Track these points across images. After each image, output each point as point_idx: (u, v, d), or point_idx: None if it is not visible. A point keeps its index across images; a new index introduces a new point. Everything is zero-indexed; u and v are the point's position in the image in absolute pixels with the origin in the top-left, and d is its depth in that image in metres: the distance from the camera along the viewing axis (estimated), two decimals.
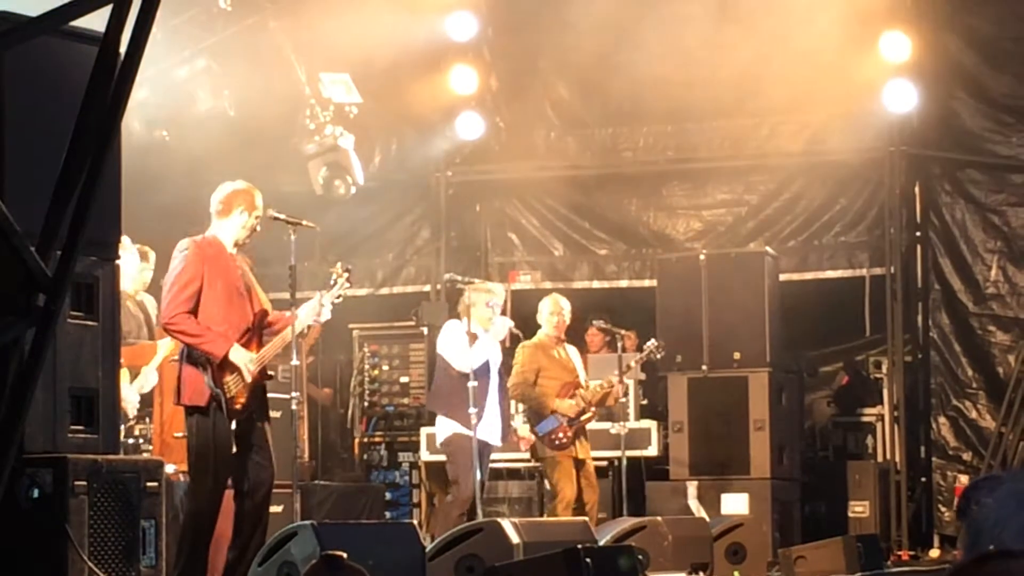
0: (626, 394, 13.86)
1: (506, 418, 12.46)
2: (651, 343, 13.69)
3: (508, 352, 13.12)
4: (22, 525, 6.53)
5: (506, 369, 12.86)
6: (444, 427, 12.22)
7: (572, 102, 17.10)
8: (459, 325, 12.26)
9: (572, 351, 13.38)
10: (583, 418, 12.96)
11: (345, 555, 7.05)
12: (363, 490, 14.41)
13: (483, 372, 12.11)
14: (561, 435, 12.82)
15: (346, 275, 9.91)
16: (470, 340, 12.00)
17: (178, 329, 9.21)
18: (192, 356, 9.24)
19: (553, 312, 13.17)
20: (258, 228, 9.53)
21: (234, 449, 9.20)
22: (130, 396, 10.97)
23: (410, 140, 17.01)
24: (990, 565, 3.04)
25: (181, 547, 9.07)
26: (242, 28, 14.76)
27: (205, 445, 9.15)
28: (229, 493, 9.37)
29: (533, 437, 12.88)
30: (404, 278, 17.61)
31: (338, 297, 9.92)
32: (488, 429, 12.08)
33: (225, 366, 9.20)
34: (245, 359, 9.26)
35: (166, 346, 10.96)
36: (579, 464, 12.89)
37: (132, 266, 11.94)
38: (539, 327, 13.27)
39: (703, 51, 15.21)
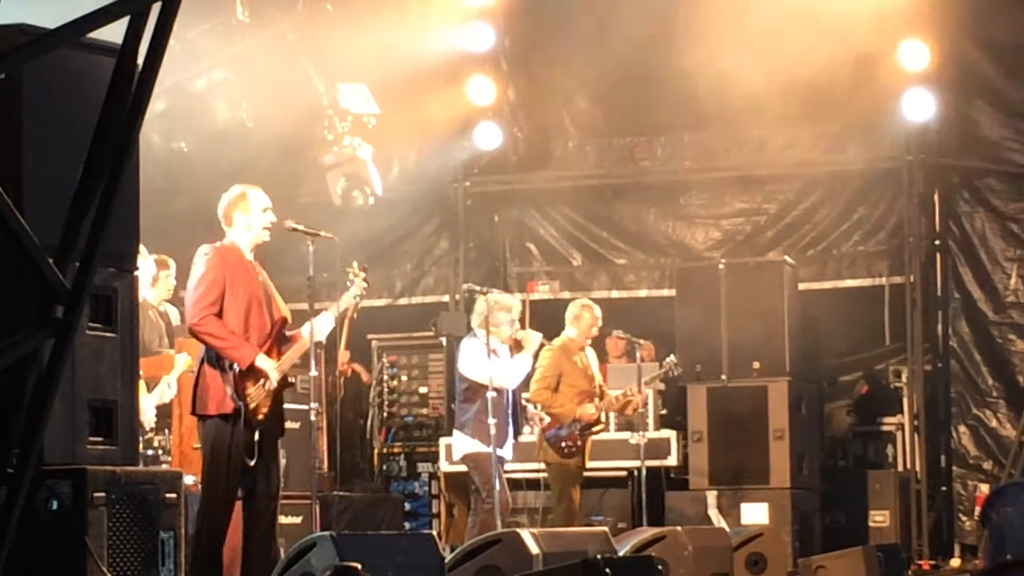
0: (645, 404, 13.83)
1: (518, 428, 12.40)
2: (670, 359, 13.64)
3: None
4: (41, 537, 6.53)
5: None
6: (461, 442, 12.22)
7: (590, 112, 17.10)
8: (479, 344, 12.09)
9: (592, 357, 13.17)
10: (595, 429, 12.89)
11: (360, 566, 7.07)
12: (382, 501, 14.40)
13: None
14: (571, 443, 12.73)
15: (363, 274, 9.90)
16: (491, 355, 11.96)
17: (205, 331, 9.11)
18: (213, 363, 9.16)
19: (590, 323, 12.91)
20: (270, 224, 9.40)
21: (252, 461, 9.16)
22: (147, 408, 10.95)
23: (428, 150, 17.00)
24: (1011, 573, 3.03)
25: (196, 559, 9.04)
26: (260, 39, 14.77)
27: (223, 454, 9.09)
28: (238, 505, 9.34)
29: (544, 415, 12.72)
30: (423, 288, 17.61)
31: (357, 296, 9.90)
32: (503, 444, 12.03)
33: (248, 374, 9.15)
34: (269, 367, 9.21)
35: (185, 358, 10.94)
36: (579, 471, 12.82)
37: (149, 275, 11.96)
38: (558, 335, 13.12)
39: (721, 61, 15.19)
